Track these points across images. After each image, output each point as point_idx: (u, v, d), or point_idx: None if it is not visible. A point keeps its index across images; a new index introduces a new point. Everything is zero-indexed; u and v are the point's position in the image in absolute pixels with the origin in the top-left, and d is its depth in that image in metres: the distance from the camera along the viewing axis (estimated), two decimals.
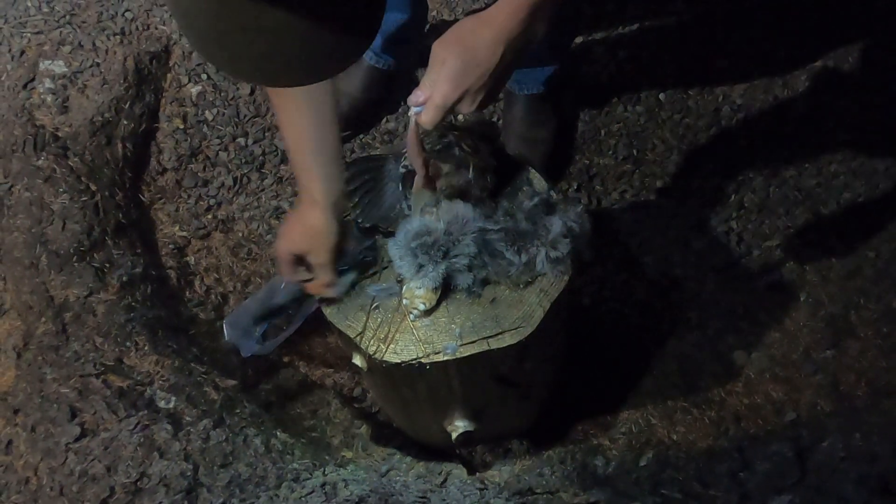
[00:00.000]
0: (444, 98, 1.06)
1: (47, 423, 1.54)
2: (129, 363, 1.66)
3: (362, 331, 1.26)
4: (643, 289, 1.95)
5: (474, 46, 1.04)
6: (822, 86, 2.04)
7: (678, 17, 2.15)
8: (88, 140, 1.93)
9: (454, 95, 1.06)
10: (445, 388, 1.34)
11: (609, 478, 1.62)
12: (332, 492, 1.45)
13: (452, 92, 1.06)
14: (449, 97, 1.06)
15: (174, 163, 2.04)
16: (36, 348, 1.65)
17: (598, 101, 2.10)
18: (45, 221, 1.78)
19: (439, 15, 2.19)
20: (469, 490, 1.50)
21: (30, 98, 1.95)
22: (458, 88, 1.05)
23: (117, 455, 1.49)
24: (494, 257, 1.24)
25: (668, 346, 1.88)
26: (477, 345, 1.23)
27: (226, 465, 1.51)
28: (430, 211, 1.24)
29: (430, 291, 1.23)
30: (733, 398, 1.76)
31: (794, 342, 1.80)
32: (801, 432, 1.56)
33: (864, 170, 1.96)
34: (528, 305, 1.25)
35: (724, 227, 1.98)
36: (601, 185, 2.05)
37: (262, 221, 2.03)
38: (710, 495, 1.48)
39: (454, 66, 1.04)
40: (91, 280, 1.73)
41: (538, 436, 1.79)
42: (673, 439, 1.71)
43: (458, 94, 1.06)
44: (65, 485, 1.47)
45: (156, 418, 1.55)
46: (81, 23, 2.07)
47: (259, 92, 2.10)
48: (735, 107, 2.08)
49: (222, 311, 1.94)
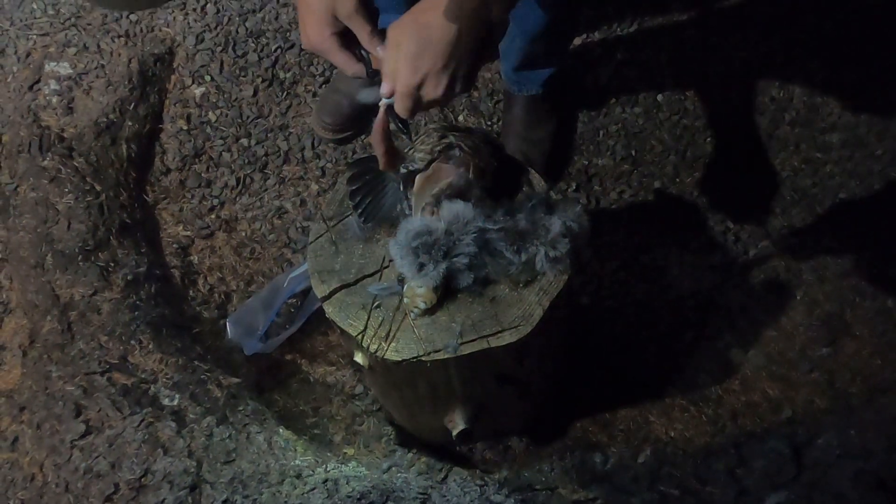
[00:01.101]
0: (405, 84, 1.03)
1: (53, 420, 1.54)
2: (133, 361, 1.66)
3: (364, 329, 1.26)
4: (641, 288, 1.95)
5: (427, 25, 1.01)
6: (818, 88, 2.04)
7: (676, 20, 2.15)
8: (93, 141, 1.93)
9: (415, 79, 1.03)
10: (446, 385, 1.34)
11: (607, 474, 1.61)
12: (334, 488, 1.45)
13: (412, 76, 1.03)
14: (409, 81, 1.03)
15: (178, 163, 2.05)
16: (41, 346, 1.66)
17: (596, 102, 2.10)
18: (51, 221, 1.78)
19: None
20: (469, 486, 1.50)
21: (35, 99, 1.95)
22: (417, 71, 1.03)
23: (122, 452, 1.49)
24: (494, 257, 1.24)
25: (665, 344, 1.88)
26: (477, 343, 1.22)
27: (229, 461, 1.51)
28: (431, 211, 1.24)
29: (431, 290, 1.23)
30: (730, 396, 1.76)
31: (790, 340, 1.80)
32: (797, 429, 1.56)
33: (859, 171, 1.96)
34: (528, 304, 1.25)
35: (721, 226, 1.98)
36: (600, 186, 2.05)
37: (265, 221, 2.03)
38: (707, 492, 1.48)
39: (409, 49, 1.02)
40: (96, 279, 1.73)
41: (538, 433, 1.79)
42: (671, 436, 1.71)
43: (418, 78, 1.03)
44: (70, 481, 1.48)
45: (160, 415, 1.55)
46: (86, 25, 2.08)
47: (262, 93, 2.11)
48: (732, 108, 2.08)
49: (226, 309, 1.94)
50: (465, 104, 2.12)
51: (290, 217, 2.03)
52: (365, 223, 1.32)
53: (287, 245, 2.01)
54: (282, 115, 2.10)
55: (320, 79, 2.12)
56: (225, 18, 2.14)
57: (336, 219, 1.35)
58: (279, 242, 2.01)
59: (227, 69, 2.11)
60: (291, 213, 2.03)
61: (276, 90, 2.12)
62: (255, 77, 2.11)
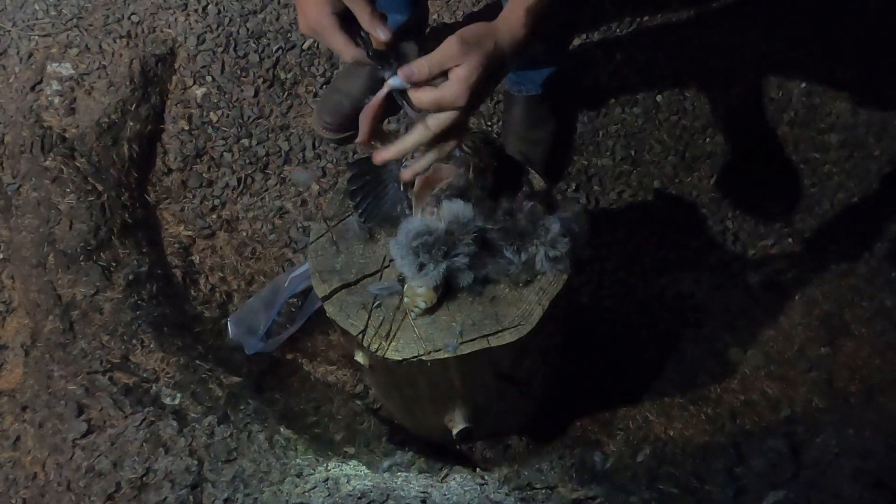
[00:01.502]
0: (453, 98, 1.05)
1: (55, 419, 1.54)
2: (135, 360, 1.66)
3: (364, 329, 1.26)
4: (641, 287, 1.95)
5: (493, 54, 1.05)
6: (816, 88, 2.04)
7: (675, 21, 2.15)
8: (95, 141, 1.93)
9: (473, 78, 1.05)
10: (446, 384, 1.34)
11: (607, 473, 1.62)
12: (335, 487, 1.45)
13: (462, 95, 1.05)
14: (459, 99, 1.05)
15: (179, 163, 2.05)
16: (43, 346, 1.66)
17: (596, 102, 2.10)
18: (53, 221, 1.78)
19: (440, 17, 2.19)
20: (469, 485, 1.50)
21: (37, 100, 1.95)
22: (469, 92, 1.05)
23: (123, 451, 1.49)
24: (494, 256, 1.24)
25: (665, 343, 1.88)
26: (477, 342, 1.22)
27: (230, 460, 1.51)
28: (432, 211, 1.24)
29: (431, 290, 1.23)
30: (729, 395, 1.76)
31: (788, 340, 1.80)
32: (795, 428, 1.56)
33: (858, 171, 1.96)
34: (528, 304, 1.25)
35: (720, 226, 1.98)
36: (599, 186, 2.05)
37: (266, 221, 2.03)
38: (706, 490, 1.48)
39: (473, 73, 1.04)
40: (98, 279, 1.73)
41: (537, 432, 1.79)
42: (670, 435, 1.71)
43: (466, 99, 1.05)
44: (72, 480, 1.48)
45: (161, 415, 1.55)
46: (88, 26, 2.07)
47: (263, 93, 2.11)
48: (731, 108, 2.08)
49: (227, 309, 1.94)
50: None
51: (291, 217, 2.03)
52: (365, 223, 1.32)
53: (288, 245, 2.01)
54: (283, 115, 2.10)
55: (321, 79, 2.12)
56: (226, 19, 2.14)
57: (337, 219, 1.35)
58: (280, 242, 2.01)
59: (228, 70, 2.11)
60: (292, 213, 2.03)
61: (277, 91, 2.12)
62: (257, 78, 2.11)
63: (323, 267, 1.31)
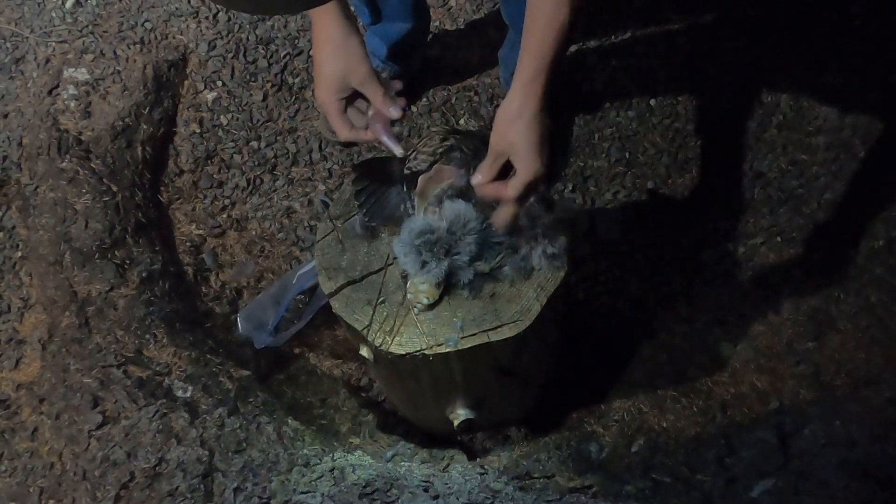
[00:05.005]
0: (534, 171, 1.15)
1: (71, 411, 1.54)
2: (148, 355, 1.65)
3: (369, 324, 1.25)
4: (635, 284, 1.95)
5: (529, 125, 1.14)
6: (804, 92, 2.03)
7: (668, 28, 2.14)
8: (110, 143, 1.92)
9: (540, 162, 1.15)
10: (447, 378, 1.34)
11: (602, 463, 1.61)
12: (341, 476, 1.45)
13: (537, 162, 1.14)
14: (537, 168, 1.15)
15: (191, 165, 2.04)
16: (60, 340, 1.65)
17: (592, 106, 2.10)
18: (69, 220, 1.77)
19: (441, 24, 2.18)
20: (470, 475, 1.50)
21: (54, 104, 1.95)
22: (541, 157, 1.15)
23: (137, 441, 1.49)
24: (494, 254, 1.24)
25: (658, 338, 1.87)
26: (477, 337, 1.22)
27: (240, 450, 1.50)
28: (434, 210, 1.24)
29: (433, 287, 1.23)
30: (720, 388, 1.76)
31: (777, 334, 1.79)
32: (784, 420, 1.56)
33: (844, 172, 1.95)
34: (526, 300, 1.24)
35: (712, 225, 1.98)
36: (595, 186, 2.04)
37: (275, 220, 2.03)
38: (697, 479, 1.47)
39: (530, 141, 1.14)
40: (112, 276, 1.73)
41: (535, 423, 1.79)
42: (663, 427, 1.70)
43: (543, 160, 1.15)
44: (87, 470, 1.47)
45: (173, 407, 1.54)
46: (103, 32, 2.07)
47: (271, 97, 2.10)
48: (722, 112, 2.07)
49: (236, 305, 1.93)
50: (466, 109, 2.12)
51: (299, 216, 2.03)
52: (370, 222, 1.31)
53: (295, 243, 2.01)
54: (290, 118, 2.10)
55: None
56: (236, 26, 2.13)
57: (342, 218, 1.35)
58: (288, 241, 2.01)
59: (237, 75, 2.10)
60: (300, 213, 2.03)
61: (285, 95, 2.11)
62: (265, 82, 2.11)
63: (329, 264, 1.31)
